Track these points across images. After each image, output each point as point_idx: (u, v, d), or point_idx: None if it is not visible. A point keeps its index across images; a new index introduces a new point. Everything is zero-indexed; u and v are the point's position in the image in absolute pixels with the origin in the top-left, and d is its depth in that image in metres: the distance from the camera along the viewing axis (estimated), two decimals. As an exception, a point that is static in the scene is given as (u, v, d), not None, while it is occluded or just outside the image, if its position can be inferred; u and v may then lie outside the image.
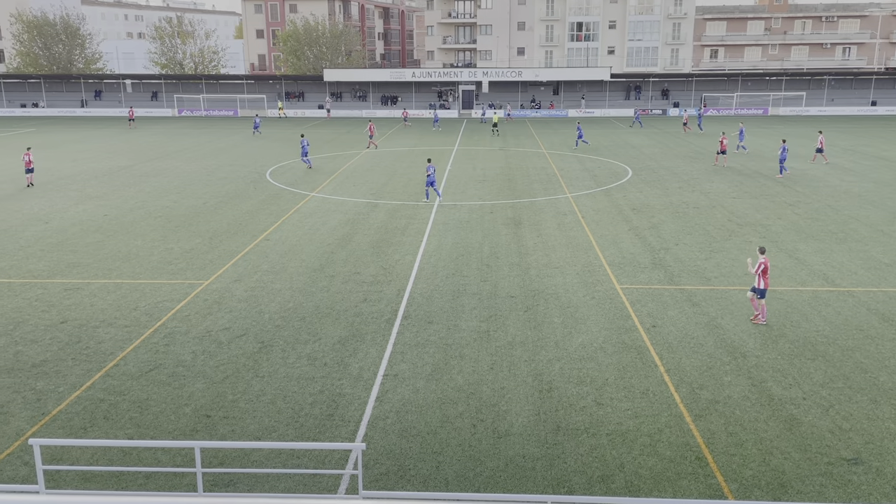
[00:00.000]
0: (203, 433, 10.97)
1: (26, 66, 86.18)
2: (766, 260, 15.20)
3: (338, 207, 27.55)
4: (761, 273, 15.05)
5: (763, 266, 15.06)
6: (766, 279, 15.10)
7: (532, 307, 16.46)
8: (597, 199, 29.07)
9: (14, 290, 17.79)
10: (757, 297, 15.29)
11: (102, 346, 14.32)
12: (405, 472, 9.94)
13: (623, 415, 11.48)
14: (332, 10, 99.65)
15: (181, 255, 20.93)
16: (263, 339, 14.64)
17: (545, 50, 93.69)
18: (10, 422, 11.33)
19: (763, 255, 15.35)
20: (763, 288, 15.11)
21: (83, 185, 32.37)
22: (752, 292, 15.35)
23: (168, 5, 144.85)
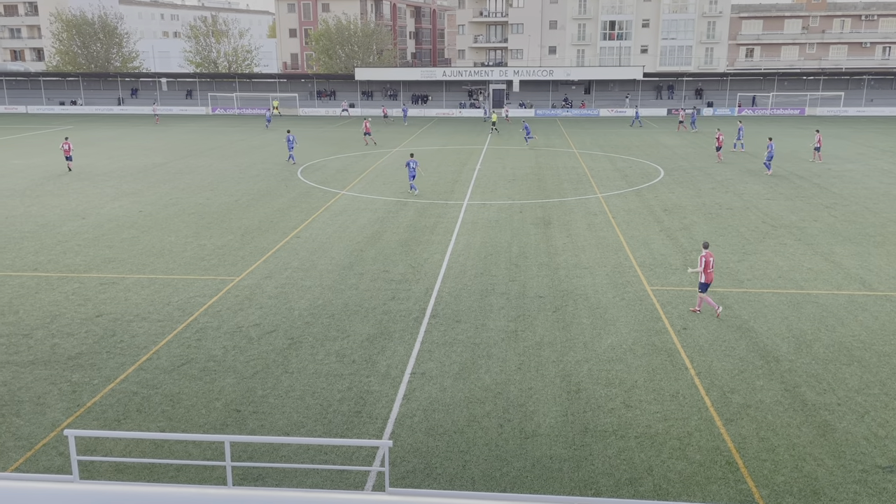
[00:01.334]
0: (233, 427, 11.12)
1: (65, 65, 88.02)
2: (709, 254, 15.63)
3: (367, 206, 27.69)
4: (704, 268, 15.50)
5: (705, 261, 15.51)
6: (709, 273, 15.51)
7: (561, 307, 16.37)
8: (628, 200, 28.81)
9: (52, 283, 18.20)
10: (700, 291, 15.77)
11: (136, 339, 14.58)
12: (432, 471, 9.95)
13: (652, 417, 11.36)
14: (363, 10, 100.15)
15: (213, 251, 21.22)
16: (293, 336, 14.78)
17: (577, 49, 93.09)
18: (47, 413, 11.60)
19: (706, 249, 15.79)
20: (705, 282, 15.58)
21: (119, 182, 32.99)
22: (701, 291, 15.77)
23: (203, 5, 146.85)
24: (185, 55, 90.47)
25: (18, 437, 10.83)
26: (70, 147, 36.16)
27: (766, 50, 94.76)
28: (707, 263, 15.49)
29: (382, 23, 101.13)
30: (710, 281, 15.56)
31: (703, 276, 15.54)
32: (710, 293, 17.16)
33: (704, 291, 15.74)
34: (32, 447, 10.57)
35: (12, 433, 10.96)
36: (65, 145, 36.16)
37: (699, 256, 16.07)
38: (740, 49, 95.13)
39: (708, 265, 15.49)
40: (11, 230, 23.66)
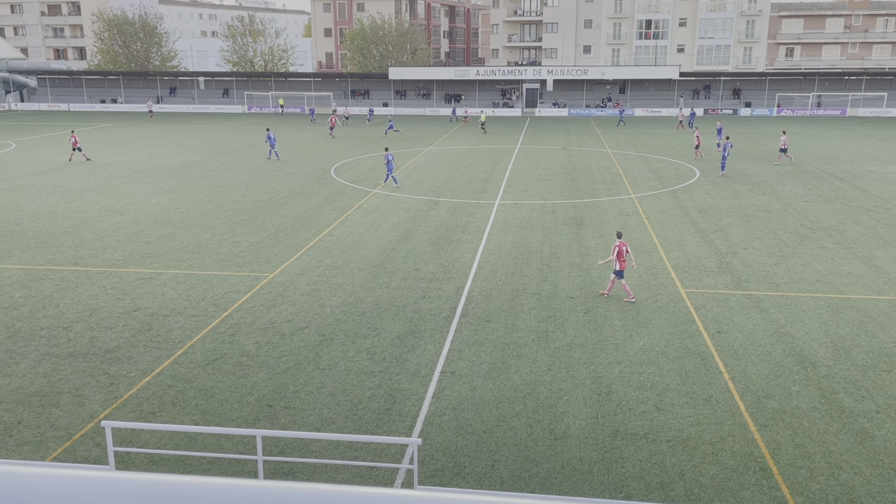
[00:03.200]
0: (265, 422, 11.25)
1: (106, 64, 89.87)
2: (622, 244, 16.50)
3: (399, 204, 27.80)
4: (616, 256, 16.34)
5: (617, 250, 16.37)
6: (622, 262, 16.37)
7: (592, 309, 16.25)
8: (662, 201, 28.48)
9: (91, 278, 18.61)
10: (617, 278, 16.59)
11: (172, 334, 14.84)
12: (460, 470, 9.96)
13: (684, 421, 11.22)
14: (398, 9, 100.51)
15: (248, 248, 21.50)
16: (325, 333, 14.91)
17: (612, 48, 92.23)
18: (85, 404, 11.87)
19: (619, 238, 16.68)
20: (621, 269, 16.44)
21: (157, 179, 33.59)
22: (615, 275, 16.60)
23: (241, 4, 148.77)
24: (223, 54, 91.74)
25: (57, 428, 11.11)
26: (76, 140, 39.11)
27: (806, 49, 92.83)
28: (620, 252, 16.35)
29: (417, 22, 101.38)
30: (623, 268, 16.48)
31: (616, 263, 16.41)
32: (747, 296, 16.89)
33: (622, 278, 16.64)
34: (71, 437, 10.83)
35: (51, 423, 11.23)
36: (71, 139, 39.22)
37: (612, 246, 16.98)
38: (780, 48, 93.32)
39: (621, 254, 16.37)
40: (53, 225, 24.25)
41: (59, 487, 0.70)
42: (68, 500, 0.68)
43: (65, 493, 0.69)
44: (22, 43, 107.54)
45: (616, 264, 16.46)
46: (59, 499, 0.69)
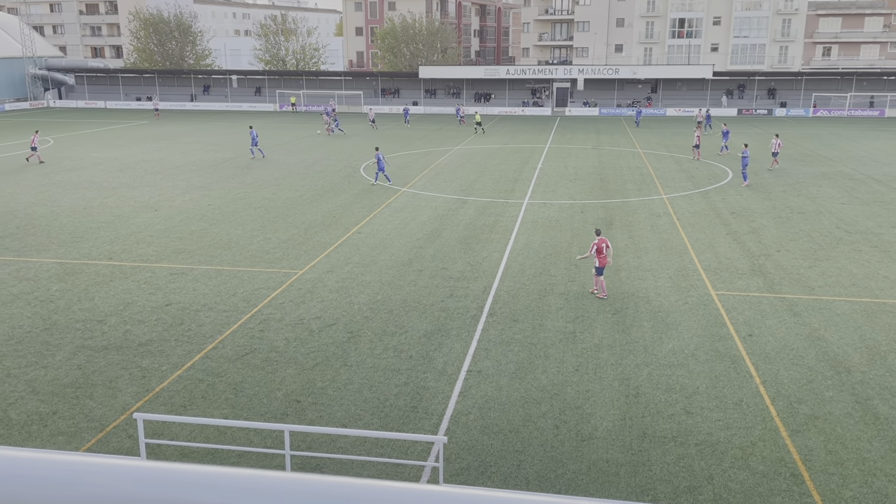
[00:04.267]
0: (293, 417, 11.36)
1: (142, 62, 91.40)
2: (601, 240, 16.57)
3: (428, 203, 27.85)
4: (595, 253, 16.47)
5: (596, 246, 16.49)
6: (601, 258, 16.48)
7: (621, 310, 16.12)
8: (693, 202, 28.14)
9: (125, 272, 18.95)
10: (595, 274, 16.77)
11: (203, 329, 15.05)
12: (486, 469, 9.96)
13: (714, 425, 11.08)
14: (429, 8, 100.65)
15: (278, 244, 21.71)
16: (352, 330, 15.00)
17: (644, 47, 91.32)
18: (118, 396, 12.09)
19: (599, 235, 16.76)
20: (600, 266, 16.56)
21: (190, 176, 34.08)
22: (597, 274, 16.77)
23: (273, 3, 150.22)
24: (255, 53, 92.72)
25: (91, 419, 11.34)
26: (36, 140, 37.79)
27: (844, 48, 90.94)
28: (599, 249, 16.48)
29: (447, 21, 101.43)
30: (602, 265, 16.58)
31: (596, 260, 16.56)
32: (779, 299, 16.62)
33: (601, 275, 16.76)
34: (104, 429, 11.05)
35: (85, 415, 11.47)
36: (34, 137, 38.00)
37: (591, 243, 17.13)
38: (817, 47, 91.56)
39: (600, 251, 16.49)
40: (89, 220, 24.73)
41: (92, 475, 0.72)
42: (100, 487, 0.70)
43: (97, 481, 0.71)
44: (60, 41, 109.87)
45: (596, 261, 16.63)
46: (92, 486, 0.70)
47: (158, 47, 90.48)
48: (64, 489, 0.86)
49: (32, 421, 11.27)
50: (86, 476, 0.88)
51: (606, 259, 16.59)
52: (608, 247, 16.68)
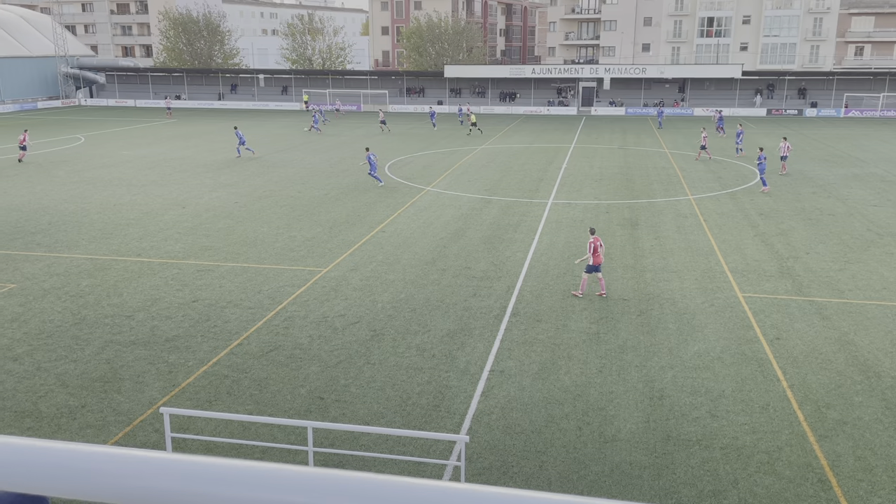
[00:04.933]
0: (316, 414, 11.44)
1: (171, 61, 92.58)
2: (596, 239, 16.73)
3: (452, 202, 27.85)
4: (592, 252, 16.57)
5: (593, 245, 16.63)
6: (597, 257, 16.61)
7: (646, 311, 15.99)
8: (721, 203, 27.81)
9: (153, 269, 19.22)
10: (585, 272, 16.87)
11: (228, 325, 15.21)
12: (508, 469, 9.94)
13: (739, 429, 10.95)
14: (455, 7, 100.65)
15: (303, 242, 21.86)
16: (376, 328, 15.06)
17: (672, 46, 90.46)
18: (145, 391, 12.27)
19: (593, 235, 16.95)
20: (595, 265, 16.67)
21: (217, 174, 34.45)
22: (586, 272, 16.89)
23: (301, 3, 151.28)
24: (282, 52, 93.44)
25: (119, 413, 11.51)
26: (25, 139, 37.93)
27: (877, 48, 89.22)
28: (595, 248, 16.62)
29: (473, 20, 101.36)
30: (597, 263, 16.69)
31: (591, 259, 16.67)
32: (808, 302, 16.37)
33: (590, 272, 16.87)
34: (131, 422, 11.21)
35: (113, 408, 11.65)
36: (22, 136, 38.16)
37: (588, 242, 17.11)
38: (849, 47, 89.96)
39: (596, 250, 16.63)
40: (118, 217, 25.11)
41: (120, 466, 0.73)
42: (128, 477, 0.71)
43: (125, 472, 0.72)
44: (92, 40, 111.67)
45: (590, 259, 16.76)
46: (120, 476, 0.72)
47: (187, 46, 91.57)
48: (93, 479, 0.87)
49: (62, 414, 11.48)
50: (114, 467, 0.89)
51: (600, 258, 16.82)
52: (601, 245, 16.96)
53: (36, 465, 0.88)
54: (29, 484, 0.87)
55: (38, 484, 0.87)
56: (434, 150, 43.34)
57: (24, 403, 11.80)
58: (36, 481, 0.87)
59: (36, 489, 0.86)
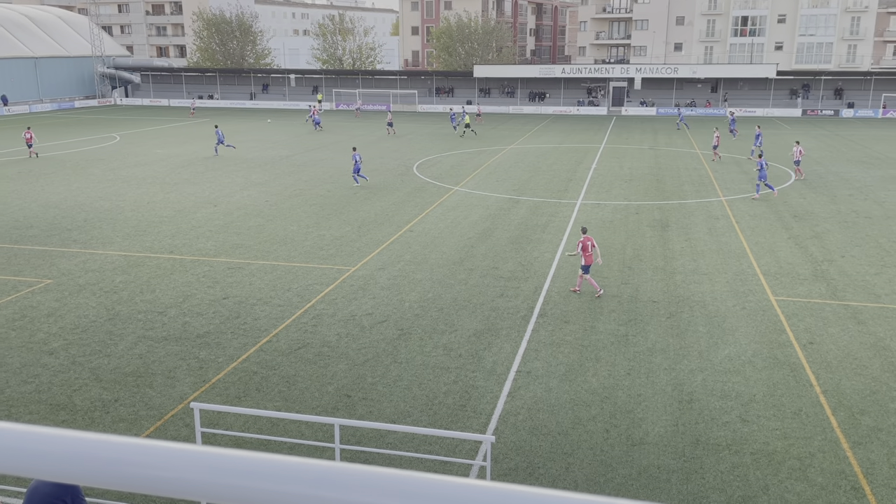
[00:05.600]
0: (343, 412, 11.51)
1: (204, 61, 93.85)
2: (587, 238, 16.82)
3: (480, 202, 27.83)
4: (581, 251, 16.69)
5: (582, 244, 16.73)
6: (587, 256, 16.70)
7: (675, 314, 15.81)
8: (754, 204, 27.39)
9: (185, 266, 19.50)
10: (583, 273, 16.91)
11: (258, 322, 15.38)
12: (534, 470, 9.90)
13: (771, 434, 10.77)
14: (485, 7, 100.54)
15: (332, 241, 22.02)
16: (403, 327, 15.10)
17: (705, 46, 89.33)
18: (176, 386, 12.46)
19: (585, 233, 17.06)
20: (586, 264, 16.78)
21: (248, 173, 34.84)
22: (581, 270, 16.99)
23: (332, 3, 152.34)
24: (313, 52, 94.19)
25: (150, 407, 11.71)
26: (31, 136, 38.64)
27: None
28: (585, 247, 16.69)
29: (503, 20, 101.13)
30: (589, 263, 16.77)
31: (582, 258, 16.75)
32: (843, 307, 16.04)
33: (587, 273, 16.93)
34: (162, 417, 11.39)
35: (145, 403, 11.85)
36: (26, 134, 38.86)
37: (577, 241, 17.34)
38: (887, 46, 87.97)
39: (586, 248, 16.70)
40: (152, 215, 25.53)
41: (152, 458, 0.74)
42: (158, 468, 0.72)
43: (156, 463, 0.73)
44: (128, 41, 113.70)
45: (582, 259, 16.81)
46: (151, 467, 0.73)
47: (220, 47, 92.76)
48: (125, 470, 0.89)
49: (95, 407, 11.70)
50: (146, 458, 0.91)
51: (592, 258, 16.84)
52: (594, 245, 16.95)
53: (70, 455, 0.90)
54: (62, 473, 0.89)
55: (70, 473, 0.89)
56: (462, 150, 43.34)
57: (59, 397, 12.05)
58: (69, 470, 0.89)
59: (69, 478, 0.88)
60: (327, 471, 0.83)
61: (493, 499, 0.81)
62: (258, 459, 0.85)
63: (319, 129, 54.24)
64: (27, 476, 0.92)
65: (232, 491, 0.85)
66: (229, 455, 0.85)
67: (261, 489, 0.85)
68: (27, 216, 25.09)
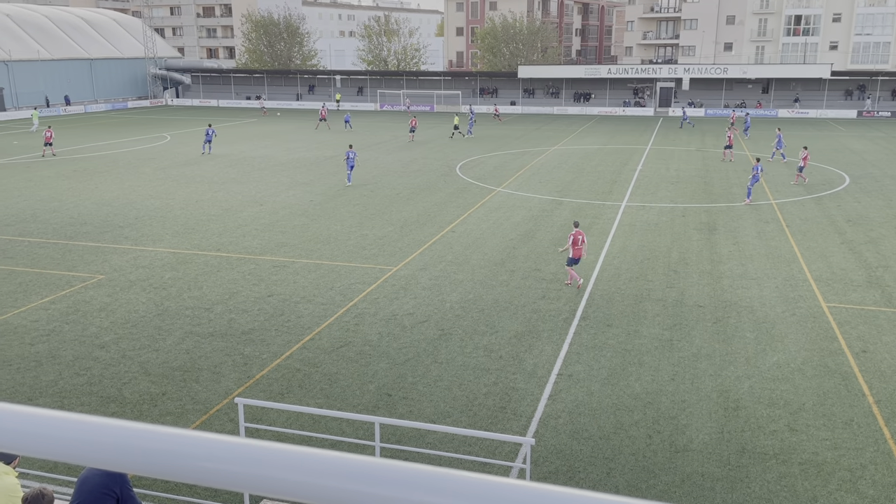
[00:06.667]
0: (383, 410, 11.58)
1: (252, 62, 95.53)
2: (578, 233, 17.10)
3: (522, 203, 27.70)
4: (571, 244, 16.98)
5: (573, 238, 17.01)
6: (575, 249, 17.00)
7: (722, 319, 15.50)
8: (805, 208, 26.68)
9: (232, 263, 19.87)
10: (567, 265, 17.37)
11: (301, 320, 15.58)
12: (574, 474, 9.81)
13: (820, 444, 10.47)
14: (530, 7, 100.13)
15: (374, 241, 22.18)
16: (444, 327, 15.12)
17: (756, 45, 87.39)
18: (221, 381, 12.70)
19: (577, 227, 17.33)
20: (573, 258, 17.14)
21: (293, 173, 35.33)
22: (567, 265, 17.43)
23: (377, 5, 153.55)
24: (359, 54, 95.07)
25: (197, 402, 11.96)
26: (51, 135, 39.71)
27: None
28: (575, 241, 17.02)
29: (549, 20, 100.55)
30: (576, 256, 17.13)
31: (571, 251, 17.08)
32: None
33: (570, 266, 17.34)
34: (208, 411, 11.63)
35: (191, 397, 12.11)
36: (47, 132, 39.96)
37: (568, 234, 17.56)
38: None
39: (576, 242, 17.03)
40: (200, 213, 26.09)
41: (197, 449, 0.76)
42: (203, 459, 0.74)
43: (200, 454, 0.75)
44: (179, 43, 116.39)
45: (570, 252, 17.13)
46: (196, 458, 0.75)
47: (268, 48, 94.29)
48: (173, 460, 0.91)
49: (144, 400, 12.00)
50: (191, 448, 0.93)
51: (581, 252, 17.15)
52: (584, 241, 17.25)
53: (118, 445, 0.92)
54: (112, 461, 0.91)
55: (120, 462, 0.91)
56: (505, 151, 43.22)
57: (109, 389, 12.40)
58: (118, 459, 0.91)
59: (118, 467, 0.90)
60: (386, 468, 0.84)
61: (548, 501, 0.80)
62: (303, 453, 0.86)
63: (349, 128, 54.82)
64: (81, 464, 0.94)
65: (276, 484, 0.86)
66: (275, 448, 0.86)
67: (304, 483, 0.86)
68: (81, 213, 25.89)
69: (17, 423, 0.96)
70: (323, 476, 0.86)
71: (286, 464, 0.87)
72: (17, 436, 0.95)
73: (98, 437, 0.91)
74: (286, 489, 0.87)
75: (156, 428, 0.92)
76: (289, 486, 0.86)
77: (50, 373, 13.00)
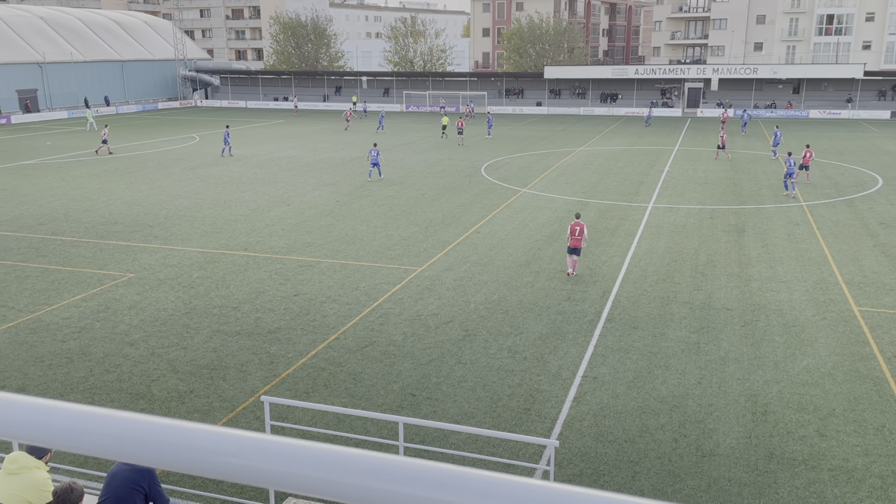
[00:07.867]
0: (407, 410, 11.61)
1: (280, 64, 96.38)
2: (574, 223, 17.77)
3: (548, 204, 27.60)
4: (570, 234, 17.75)
5: (571, 228, 17.76)
6: (573, 239, 17.70)
7: (750, 322, 15.29)
8: (837, 210, 26.23)
9: (258, 263, 20.07)
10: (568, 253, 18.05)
11: (327, 319, 15.68)
12: (599, 477, 9.75)
13: (851, 451, 10.29)
14: (557, 7, 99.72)
15: (399, 241, 22.24)
16: (468, 328, 15.12)
17: (787, 45, 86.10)
18: (248, 379, 12.83)
19: (577, 218, 18.12)
20: (572, 247, 17.85)
21: (320, 173, 35.58)
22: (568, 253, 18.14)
23: (404, 6, 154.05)
24: (385, 55, 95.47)
25: (223, 399, 12.09)
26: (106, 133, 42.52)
27: None
28: (572, 231, 17.71)
29: (575, 20, 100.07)
30: (573, 246, 17.82)
31: (570, 241, 17.80)
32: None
33: (571, 254, 17.98)
34: (234, 409, 11.75)
35: (218, 395, 12.25)
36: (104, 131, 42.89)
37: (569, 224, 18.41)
38: None
39: (573, 233, 17.69)
40: (227, 213, 26.38)
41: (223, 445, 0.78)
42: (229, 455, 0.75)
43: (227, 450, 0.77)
44: (208, 45, 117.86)
45: (569, 240, 17.89)
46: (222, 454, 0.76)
47: (295, 50, 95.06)
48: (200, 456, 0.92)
49: (172, 398, 12.17)
50: (217, 444, 0.94)
51: (578, 242, 17.73)
52: (581, 231, 17.71)
53: (147, 440, 0.93)
54: (141, 456, 0.93)
55: (149, 457, 0.92)
56: (531, 152, 43.09)
57: (138, 386, 12.59)
58: (147, 454, 0.92)
59: (146, 461, 0.91)
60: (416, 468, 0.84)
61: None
62: (327, 451, 0.87)
63: (381, 129, 55.09)
64: (110, 458, 0.96)
65: (301, 480, 0.87)
66: (300, 446, 0.87)
67: (328, 480, 0.86)
68: (112, 212, 26.32)
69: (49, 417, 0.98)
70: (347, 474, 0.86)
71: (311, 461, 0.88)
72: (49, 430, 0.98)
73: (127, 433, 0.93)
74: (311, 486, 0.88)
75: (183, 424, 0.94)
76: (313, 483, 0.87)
77: (81, 369, 13.24)
